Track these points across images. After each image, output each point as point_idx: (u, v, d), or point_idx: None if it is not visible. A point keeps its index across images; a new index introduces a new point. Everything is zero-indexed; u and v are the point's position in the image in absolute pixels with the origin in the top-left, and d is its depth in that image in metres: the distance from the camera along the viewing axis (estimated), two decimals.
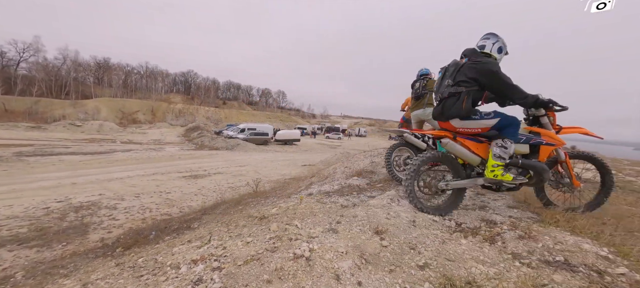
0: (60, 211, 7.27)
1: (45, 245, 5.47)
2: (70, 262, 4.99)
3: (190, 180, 12.08)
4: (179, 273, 1.54)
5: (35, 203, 7.60)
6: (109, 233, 6.48)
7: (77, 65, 54.03)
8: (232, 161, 17.81)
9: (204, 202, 9.35)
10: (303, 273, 1.54)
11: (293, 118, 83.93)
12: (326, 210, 3.04)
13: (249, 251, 1.77)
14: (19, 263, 4.77)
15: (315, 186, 5.75)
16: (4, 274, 4.40)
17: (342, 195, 4.37)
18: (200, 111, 56.06)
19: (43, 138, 21.24)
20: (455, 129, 3.13)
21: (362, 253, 1.94)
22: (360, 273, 1.69)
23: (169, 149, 20.65)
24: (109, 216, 7.41)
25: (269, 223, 2.38)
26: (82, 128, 28.52)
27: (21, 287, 4.06)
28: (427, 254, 2.06)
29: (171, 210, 8.37)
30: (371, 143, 44.34)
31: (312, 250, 1.81)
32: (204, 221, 6.92)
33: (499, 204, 3.75)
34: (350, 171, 6.65)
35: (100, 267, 3.99)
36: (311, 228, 2.34)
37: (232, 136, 27.77)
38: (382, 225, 2.53)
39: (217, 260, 1.63)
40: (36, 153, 14.79)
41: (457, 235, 2.55)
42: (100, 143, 20.97)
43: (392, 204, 3.27)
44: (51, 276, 4.43)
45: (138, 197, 9.24)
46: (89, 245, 5.70)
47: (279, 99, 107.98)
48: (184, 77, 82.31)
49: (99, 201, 8.30)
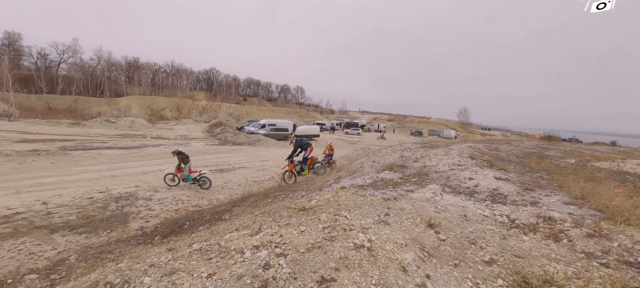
0: (103, 201, 7.72)
1: (92, 231, 5.82)
2: (115, 247, 5.28)
3: (217, 174, 12.41)
4: (244, 257, 1.53)
5: (81, 193, 8.12)
6: (146, 222, 6.78)
7: (110, 65, 57.47)
8: (255, 156, 18.13)
9: (230, 195, 9.56)
10: (368, 263, 1.48)
11: (312, 114, 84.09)
12: (369, 202, 2.95)
13: (307, 239, 1.73)
14: (71, 247, 5.10)
15: (345, 180, 5.66)
16: (60, 257, 4.72)
17: (377, 188, 4.26)
18: (223, 108, 57.64)
19: (82, 133, 22.79)
20: None
21: (422, 246, 1.84)
22: (425, 266, 1.60)
23: (194, 145, 21.40)
24: (146, 206, 7.76)
25: (315, 213, 2.34)
26: (116, 124, 30.29)
27: (75, 268, 4.36)
28: (491, 249, 1.92)
29: (201, 202, 8.63)
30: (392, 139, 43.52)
31: (371, 240, 1.74)
32: (235, 213, 7.08)
33: (553, 200, 3.48)
34: (380, 166, 6.50)
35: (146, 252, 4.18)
36: (361, 219, 2.27)
37: (254, 131, 28.27)
38: (434, 219, 2.40)
39: (278, 247, 1.61)
40: (78, 147, 15.88)
41: (515, 231, 2.37)
42: (132, 138, 22.15)
43: (436, 197, 3.12)
44: (100, 260, 4.71)
45: (170, 189, 9.62)
46: (130, 233, 5.99)
47: (297, 95, 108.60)
48: (207, 75, 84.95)
49: (135, 193, 8.73)
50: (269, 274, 1.34)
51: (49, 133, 21.16)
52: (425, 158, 6.43)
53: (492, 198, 3.82)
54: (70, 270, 4.37)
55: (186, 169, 9.50)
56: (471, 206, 2.94)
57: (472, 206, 2.97)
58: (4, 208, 6.47)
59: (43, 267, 4.41)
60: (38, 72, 45.33)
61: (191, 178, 9.51)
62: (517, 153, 9.41)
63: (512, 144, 10.93)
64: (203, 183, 9.76)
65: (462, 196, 3.63)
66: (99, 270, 3.78)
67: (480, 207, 3.04)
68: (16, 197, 7.27)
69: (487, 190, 4.17)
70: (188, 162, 9.62)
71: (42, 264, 4.51)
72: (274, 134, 28.68)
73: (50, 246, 5.08)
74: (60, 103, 41.89)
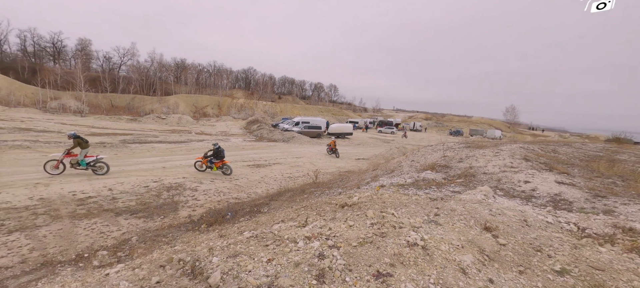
0: (156, 190, 8.51)
1: (148, 216, 6.45)
2: (168, 232, 5.81)
3: (254, 169, 12.95)
4: (298, 246, 1.58)
5: (138, 182, 9.05)
6: (193, 211, 7.30)
7: (161, 66, 63.39)
8: (289, 153, 18.58)
9: (267, 189, 9.89)
10: (423, 262, 1.43)
11: (345, 112, 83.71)
12: (414, 201, 2.85)
13: (357, 234, 1.72)
14: (132, 229, 5.71)
15: (383, 179, 5.53)
16: (124, 238, 5.31)
17: (419, 188, 4.09)
18: (259, 105, 60.05)
19: (138, 128, 25.42)
20: None
21: (480, 249, 1.72)
22: (486, 270, 1.49)
23: (233, 140, 22.63)
24: (192, 196, 8.37)
25: (360, 209, 2.33)
26: (166, 120, 33.27)
27: (136, 248, 4.89)
28: (562, 259, 1.72)
29: (240, 195, 9.06)
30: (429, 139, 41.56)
31: (424, 239, 1.67)
32: (272, 206, 7.33)
33: (632, 209, 3.01)
34: (420, 166, 6.23)
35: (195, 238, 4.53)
36: (409, 218, 2.20)
37: (288, 129, 28.98)
38: (490, 222, 2.23)
39: (329, 239, 1.62)
40: (135, 141, 17.75)
41: (588, 241, 2.10)
42: (179, 133, 24.14)
43: (488, 200, 2.89)
44: (157, 242, 5.22)
45: (213, 181, 10.26)
46: (180, 220, 6.52)
47: (330, 93, 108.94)
48: (245, 74, 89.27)
49: (183, 184, 9.47)
50: (325, 264, 1.35)
51: (112, 127, 23.91)
52: (470, 159, 6.00)
53: (554, 203, 3.42)
54: (132, 249, 4.91)
55: (82, 154, 9.19)
56: (530, 211, 2.68)
57: (531, 212, 2.70)
58: (79, 193, 7.45)
59: (111, 245, 5.01)
60: (103, 73, 51.52)
61: (85, 163, 9.21)
62: (580, 156, 8.35)
63: (572, 147, 9.74)
64: (98, 169, 9.52)
65: (518, 200, 3.32)
66: (157, 251, 4.18)
67: (541, 213, 2.75)
68: (88, 183, 8.32)
69: (547, 194, 3.75)
70: (86, 147, 9.39)
71: (110, 243, 5.12)
72: (308, 131, 29.06)
73: (115, 228, 5.73)
74: (120, 101, 47.15)
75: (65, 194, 7.24)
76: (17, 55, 51.08)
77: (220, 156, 10.94)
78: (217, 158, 10.92)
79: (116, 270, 2.31)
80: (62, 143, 14.57)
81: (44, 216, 5.89)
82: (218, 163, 10.93)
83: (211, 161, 10.88)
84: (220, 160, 10.99)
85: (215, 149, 10.86)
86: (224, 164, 11.08)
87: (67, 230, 5.39)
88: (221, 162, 10.99)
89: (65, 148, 9.40)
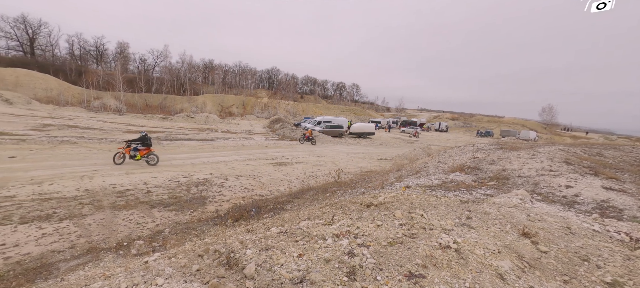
0: (186, 185, 8.97)
1: (179, 210, 6.82)
2: (197, 225, 6.11)
3: (276, 167, 13.20)
4: (327, 243, 1.59)
5: (170, 177, 9.60)
6: (220, 206, 7.59)
7: (191, 67, 66.72)
8: (311, 152, 18.72)
9: (289, 187, 10.04)
10: (458, 265, 1.37)
11: (367, 112, 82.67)
12: (443, 203, 2.75)
13: (386, 233, 1.70)
14: (165, 221, 6.06)
15: (408, 179, 5.39)
16: (157, 229, 5.66)
17: (447, 189, 3.93)
18: (282, 105, 61.09)
19: (170, 126, 26.93)
20: None
21: (519, 255, 1.62)
22: (527, 277, 1.40)
23: (257, 139, 23.23)
24: (219, 192, 8.71)
25: (387, 210, 2.30)
26: (194, 119, 34.94)
27: (169, 239, 5.20)
28: (613, 270, 1.58)
29: (263, 192, 9.27)
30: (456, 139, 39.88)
31: (457, 242, 1.61)
32: (295, 204, 7.43)
33: None
34: (447, 167, 5.99)
35: (223, 232, 4.72)
36: (439, 219, 2.14)
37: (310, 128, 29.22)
38: (528, 227, 2.09)
39: (357, 238, 1.62)
40: (167, 138, 18.84)
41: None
42: (207, 131, 25.22)
43: (525, 204, 2.71)
44: (187, 234, 5.51)
45: (238, 178, 10.60)
46: (208, 214, 6.81)
47: (353, 92, 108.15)
48: (269, 74, 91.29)
49: (210, 180, 9.89)
50: (355, 262, 1.35)
51: (146, 125, 25.51)
52: (503, 161, 5.66)
53: (601, 211, 3.13)
54: (165, 240, 5.22)
55: None
56: (574, 218, 2.48)
57: (575, 218, 2.50)
58: (119, 186, 8.04)
59: (146, 235, 5.36)
60: (139, 74, 55.11)
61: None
62: (630, 161, 7.57)
63: (620, 150, 8.85)
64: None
65: (559, 206, 3.09)
66: (189, 243, 4.41)
67: (586, 220, 2.53)
68: (126, 177, 8.95)
69: (593, 201, 3.44)
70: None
71: (146, 233, 5.48)
72: (329, 131, 29.07)
73: (150, 219, 6.12)
74: (154, 100, 50.20)
75: (106, 186, 7.85)
76: (66, 58, 56.17)
77: (147, 143, 10.66)
78: (143, 146, 10.61)
79: (154, 258, 2.47)
80: (103, 140, 15.81)
81: (89, 206, 6.43)
82: (143, 151, 10.59)
83: (135, 149, 10.51)
84: (146, 148, 10.65)
85: (142, 135, 10.66)
86: (149, 153, 10.73)
87: (108, 220, 5.85)
88: (147, 150, 10.66)
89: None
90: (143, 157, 10.68)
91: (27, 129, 16.51)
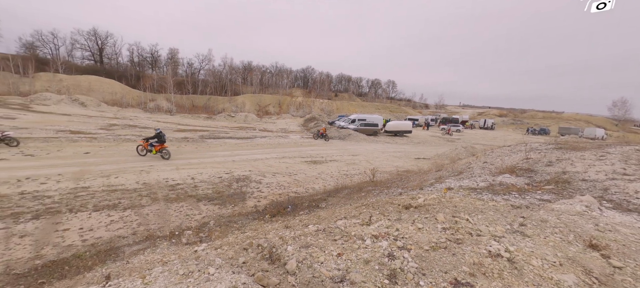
0: (228, 181, 9.55)
1: (222, 204, 7.29)
2: (238, 219, 6.48)
3: (311, 165, 13.39)
4: (365, 244, 1.59)
5: (213, 173, 10.32)
6: (258, 202, 7.94)
7: (231, 69, 70.89)
8: (345, 150, 18.64)
9: (324, 186, 10.10)
10: (511, 276, 1.26)
11: (403, 109, 79.75)
12: (492, 208, 2.53)
13: (428, 237, 1.63)
14: (210, 214, 6.53)
15: (450, 180, 5.07)
16: (203, 221, 6.12)
17: (496, 193, 3.62)
18: (316, 103, 61.80)
19: (213, 125, 28.95)
20: None
21: (586, 270, 1.44)
22: None
23: (292, 137, 23.84)
24: (257, 188, 9.12)
25: (429, 212, 2.19)
26: (235, 118, 37.09)
27: (214, 231, 5.61)
28: None
29: (298, 189, 9.47)
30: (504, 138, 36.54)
31: (509, 251, 1.48)
32: (330, 202, 7.48)
33: None
34: (495, 168, 5.50)
35: (262, 227, 4.95)
36: (487, 225, 1.98)
37: (344, 126, 29.07)
38: (597, 238, 1.84)
39: (397, 240, 1.58)
40: (211, 136, 20.29)
41: None
42: (246, 130, 26.59)
43: (592, 212, 2.38)
44: (229, 227, 5.88)
45: (274, 176, 10.98)
46: (248, 209, 7.17)
47: (388, 89, 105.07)
48: (304, 73, 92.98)
49: (249, 176, 10.40)
50: (396, 265, 1.32)
51: (193, 124, 27.70)
52: (563, 162, 5.02)
53: None
54: (211, 232, 5.63)
55: None
56: None
57: None
58: (170, 180, 8.85)
59: (194, 227, 5.84)
60: (187, 77, 60.01)
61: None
62: None
63: None
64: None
65: (635, 215, 2.66)
66: (231, 235, 4.70)
67: None
68: (176, 172, 9.82)
69: None
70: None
71: (194, 224, 5.97)
72: (364, 129, 28.60)
73: (197, 212, 6.65)
74: (199, 101, 54.31)
75: (160, 180, 8.71)
76: (127, 65, 63.43)
77: (161, 140, 11.78)
78: (158, 142, 11.75)
79: (202, 248, 2.69)
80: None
81: (146, 198, 7.20)
82: (157, 147, 11.74)
83: (152, 145, 11.70)
84: (160, 144, 11.80)
85: (157, 133, 11.82)
86: (163, 149, 11.84)
87: (162, 211, 6.49)
88: (161, 146, 11.78)
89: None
90: (158, 152, 11.93)
91: (97, 128, 19.02)
